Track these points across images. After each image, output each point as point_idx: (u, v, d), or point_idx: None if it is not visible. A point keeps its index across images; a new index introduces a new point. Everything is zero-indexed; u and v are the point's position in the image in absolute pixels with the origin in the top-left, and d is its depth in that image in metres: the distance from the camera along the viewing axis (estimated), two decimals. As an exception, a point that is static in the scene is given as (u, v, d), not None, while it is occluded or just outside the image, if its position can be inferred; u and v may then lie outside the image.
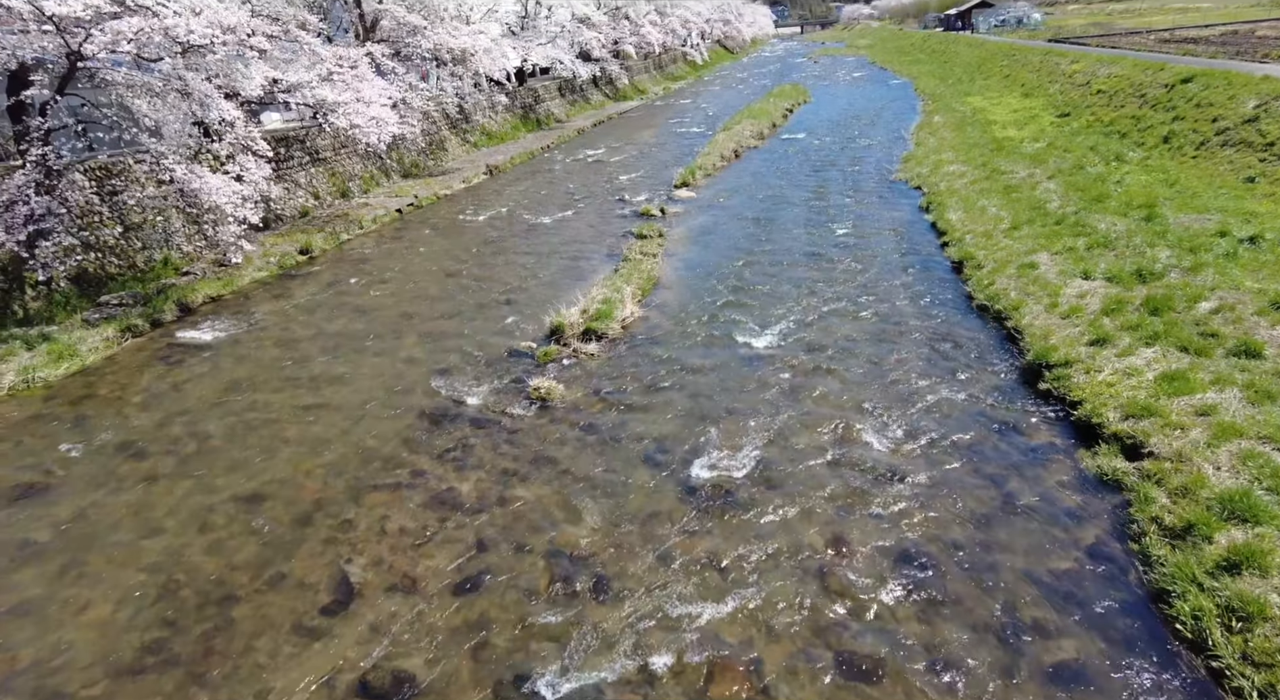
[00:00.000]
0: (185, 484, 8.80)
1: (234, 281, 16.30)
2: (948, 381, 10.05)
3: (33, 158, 13.43)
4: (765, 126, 33.82)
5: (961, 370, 10.32)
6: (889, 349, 11.17)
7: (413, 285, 15.98)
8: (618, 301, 13.08)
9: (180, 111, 15.41)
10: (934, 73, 51.22)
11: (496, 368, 11.54)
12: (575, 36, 44.94)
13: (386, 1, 28.38)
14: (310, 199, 22.41)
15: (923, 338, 11.45)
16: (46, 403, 11.15)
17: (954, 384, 9.97)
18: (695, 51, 79.05)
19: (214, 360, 12.56)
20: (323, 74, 20.23)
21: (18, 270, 13.89)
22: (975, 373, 10.24)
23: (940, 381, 10.06)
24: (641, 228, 18.72)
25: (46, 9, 12.14)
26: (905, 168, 23.23)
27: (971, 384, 9.94)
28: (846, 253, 15.84)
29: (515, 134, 37.17)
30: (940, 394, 9.72)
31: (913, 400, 9.62)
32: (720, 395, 10.15)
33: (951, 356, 10.77)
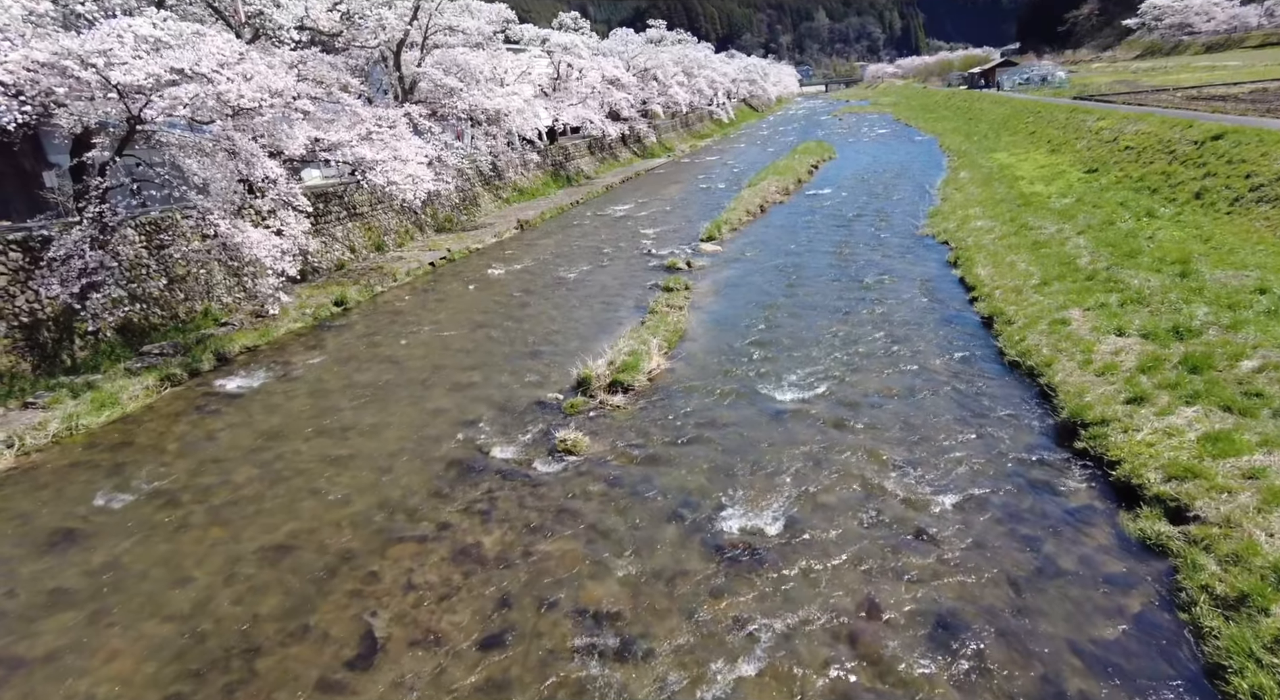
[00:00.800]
0: (215, 533, 8.88)
1: (270, 332, 16.72)
2: (980, 438, 9.86)
3: (90, 215, 14.09)
4: (790, 182, 34.30)
5: (993, 427, 10.13)
6: (919, 405, 11.03)
7: (443, 337, 16.25)
8: (644, 354, 13.15)
9: (227, 169, 16.12)
10: (959, 129, 51.82)
11: (523, 419, 11.60)
12: (605, 97, 46.47)
13: (425, 65, 29.73)
14: (347, 252, 23.09)
15: (953, 393, 11.30)
16: (87, 450, 11.42)
17: (986, 441, 9.78)
18: (721, 110, 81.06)
19: (247, 409, 12.80)
20: (362, 133, 21.10)
21: (69, 321, 14.43)
22: (1008, 430, 10.04)
23: (972, 438, 9.87)
24: (668, 281, 18.93)
25: (113, 78, 12.92)
26: (932, 223, 23.32)
27: (1004, 441, 9.74)
28: (874, 307, 15.82)
29: (546, 190, 38.16)
30: (972, 451, 9.53)
31: (944, 457, 9.43)
32: (747, 450, 10.06)
33: (983, 413, 10.59)
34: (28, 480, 10.52)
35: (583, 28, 52.20)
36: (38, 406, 12.40)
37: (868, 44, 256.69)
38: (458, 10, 31.15)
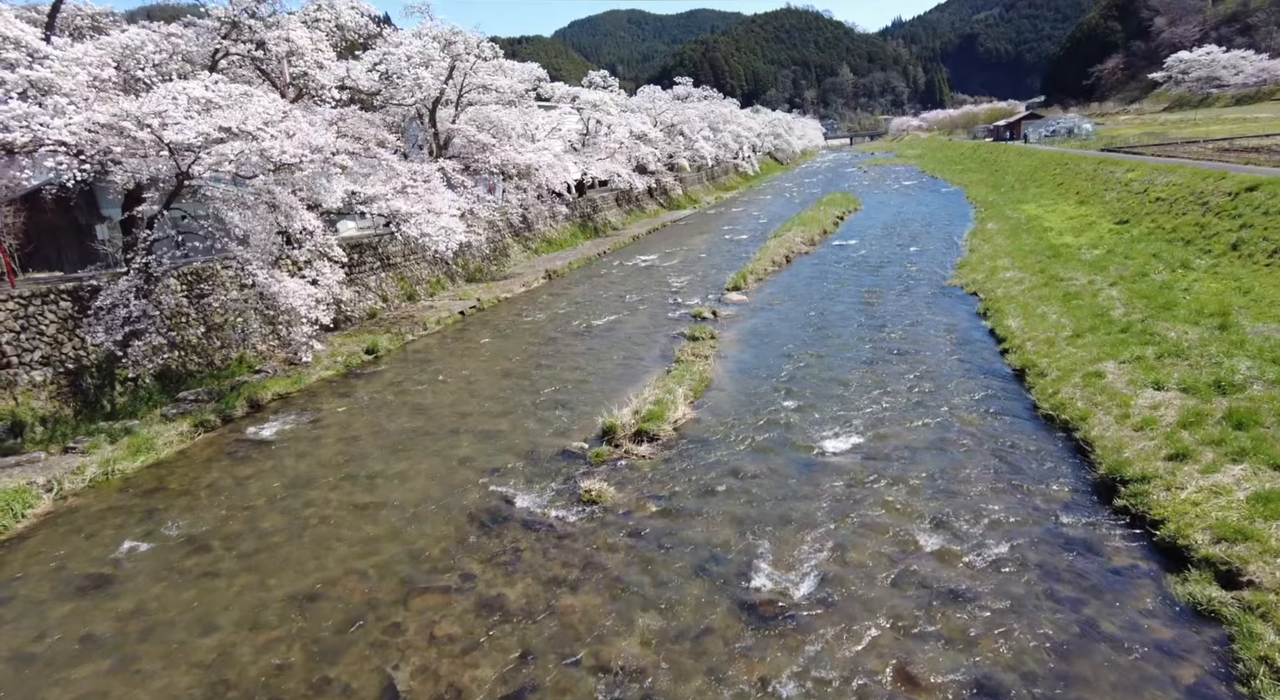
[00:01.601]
0: (242, 580, 8.90)
1: (302, 380, 17.02)
2: (1015, 493, 9.59)
3: (137, 265, 14.65)
4: (816, 233, 34.53)
5: (1029, 482, 9.86)
6: (951, 458, 10.80)
7: (471, 385, 16.40)
8: (670, 403, 13.12)
9: (267, 222, 16.72)
10: (985, 181, 52.00)
11: (549, 468, 11.57)
12: (632, 151, 47.62)
13: (459, 122, 30.84)
14: (379, 301, 23.60)
15: (986, 447, 11.06)
16: (121, 494, 11.61)
17: (1021, 496, 9.51)
18: (747, 163, 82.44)
19: (277, 456, 12.95)
20: (398, 187, 21.82)
21: (111, 368, 14.86)
22: (1044, 485, 9.76)
23: (1007, 493, 9.61)
24: (694, 329, 18.99)
25: (165, 137, 13.59)
26: (960, 274, 23.23)
27: (1040, 497, 9.46)
28: (903, 358, 15.67)
29: (574, 241, 38.85)
30: (1007, 507, 9.26)
31: (978, 513, 9.18)
32: (775, 503, 9.89)
33: (1017, 467, 10.32)
34: (64, 524, 10.70)
35: (611, 85, 53.85)
36: (77, 451, 12.70)
37: (892, 98, 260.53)
38: (491, 70, 32.42)
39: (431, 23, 28.46)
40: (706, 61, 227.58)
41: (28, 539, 10.32)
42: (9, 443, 12.99)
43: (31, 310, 14.37)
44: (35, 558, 9.77)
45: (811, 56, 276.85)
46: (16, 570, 9.49)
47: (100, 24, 21.08)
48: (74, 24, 20.29)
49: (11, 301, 14.12)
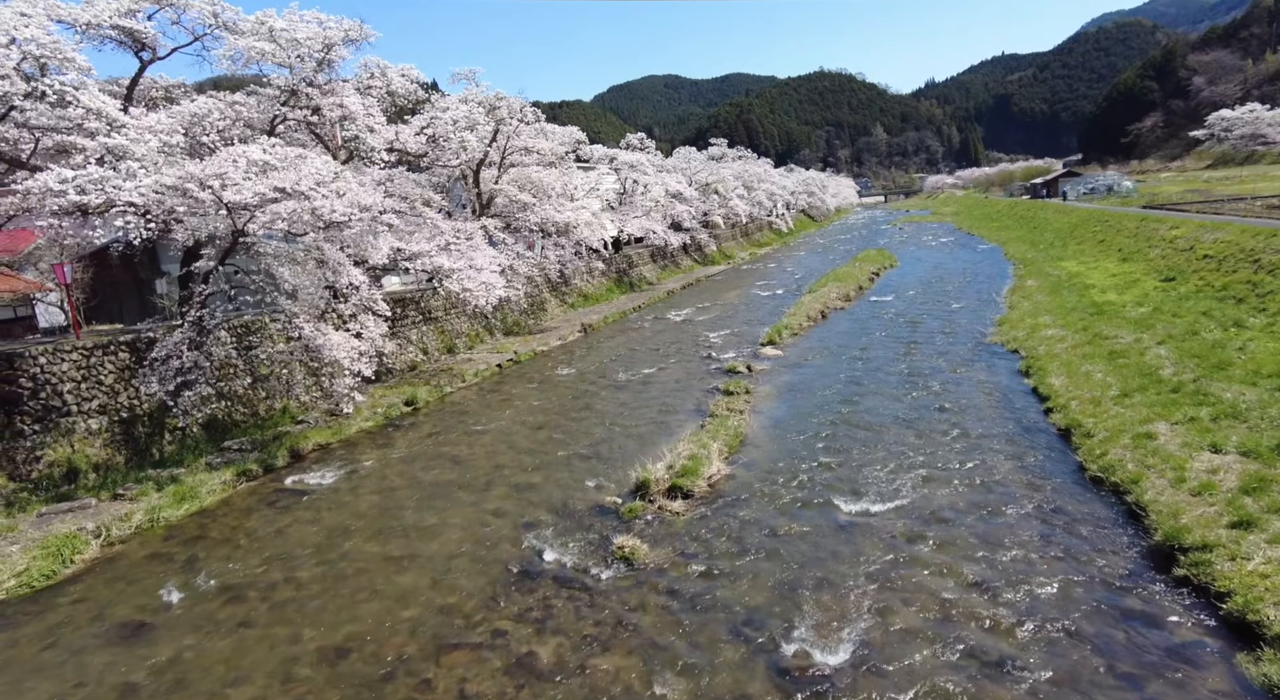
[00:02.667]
0: (277, 631, 8.92)
1: (343, 430, 17.32)
2: (1064, 559, 9.20)
3: (191, 318, 15.26)
4: (851, 289, 34.49)
5: (1079, 547, 9.46)
6: (995, 520, 10.44)
7: (506, 437, 16.49)
8: (704, 459, 13.00)
9: (316, 277, 17.36)
10: (1023, 238, 51.61)
11: (581, 523, 11.48)
12: (668, 209, 48.59)
13: (502, 182, 31.92)
14: (420, 354, 24.09)
15: (1032, 509, 10.68)
16: (165, 542, 11.83)
17: (1072, 562, 9.11)
18: (781, 220, 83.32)
19: (315, 506, 13.10)
20: (441, 244, 22.53)
21: (161, 417, 15.36)
22: (1095, 551, 9.35)
23: (1056, 558, 9.22)
24: (728, 384, 18.92)
25: (225, 197, 14.35)
26: (1000, 331, 22.88)
27: (1092, 563, 9.06)
28: (943, 416, 15.36)
29: (609, 295, 39.40)
30: (1057, 573, 8.88)
31: (1026, 579, 8.81)
32: (813, 565, 9.64)
33: (1066, 531, 9.92)
34: (109, 570, 10.91)
35: (648, 146, 55.37)
36: (126, 498, 13.04)
37: (926, 156, 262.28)
38: (533, 133, 33.67)
39: (477, 88, 29.82)
40: (741, 123, 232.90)
41: (74, 584, 10.54)
42: (64, 489, 13.41)
43: (93, 361, 15.02)
44: (80, 604, 9.95)
45: (845, 117, 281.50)
46: (62, 616, 9.66)
47: (172, 95, 22.55)
48: (149, 96, 21.74)
49: (76, 353, 14.79)
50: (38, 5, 16.03)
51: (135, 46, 18.38)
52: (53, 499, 13.00)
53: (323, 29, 20.75)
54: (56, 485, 13.50)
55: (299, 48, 20.32)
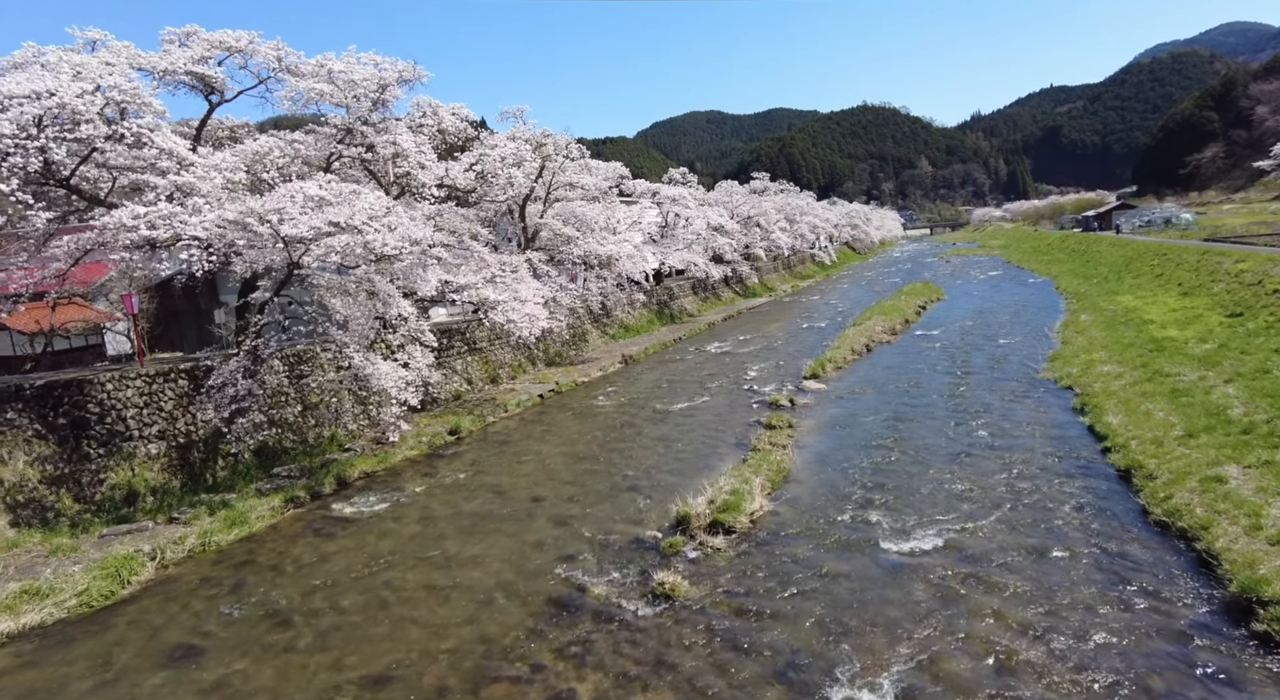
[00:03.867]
0: (319, 658, 8.99)
1: (388, 458, 17.59)
2: (1128, 607, 8.74)
3: (247, 348, 15.79)
4: (897, 322, 33.94)
5: (1143, 595, 8.98)
6: (1052, 563, 10.00)
7: (547, 467, 16.53)
8: (746, 494, 12.79)
9: (366, 308, 17.81)
10: (1075, 272, 50.28)
11: (621, 557, 11.37)
12: (709, 242, 48.79)
13: (546, 216, 32.53)
14: (464, 384, 24.44)
15: (1091, 553, 10.21)
16: (215, 566, 12.10)
17: (1136, 611, 8.65)
18: (823, 253, 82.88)
19: (360, 534, 13.27)
20: (488, 277, 22.98)
21: (216, 443, 15.83)
22: (1162, 600, 8.86)
23: (1119, 606, 8.77)
24: (770, 417, 18.69)
25: (282, 231, 14.91)
26: (1052, 367, 22.18)
27: (1159, 613, 8.58)
28: (993, 453, 14.89)
29: (650, 327, 39.53)
30: (1121, 622, 8.43)
31: (1086, 627, 8.38)
32: (859, 606, 9.35)
33: (1129, 578, 9.44)
34: (162, 592, 11.19)
35: (690, 181, 55.90)
36: (180, 522, 13.41)
37: (973, 189, 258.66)
38: (578, 169, 34.35)
39: (524, 126, 30.63)
40: (783, 156, 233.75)
41: (130, 605, 10.83)
42: (124, 511, 13.88)
43: (154, 388, 15.63)
44: (135, 625, 10.21)
45: (889, 150, 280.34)
46: (118, 636, 9.92)
47: (237, 135, 23.72)
48: (216, 135, 22.90)
49: (139, 380, 15.42)
50: (121, 55, 17.11)
51: (205, 90, 19.42)
52: (113, 520, 13.44)
53: (378, 70, 21.64)
54: (117, 507, 13.97)
55: (355, 88, 21.20)
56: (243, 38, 19.45)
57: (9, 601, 10.34)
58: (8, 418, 13.50)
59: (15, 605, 10.29)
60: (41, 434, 13.84)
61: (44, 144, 13.74)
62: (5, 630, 9.94)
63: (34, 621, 10.20)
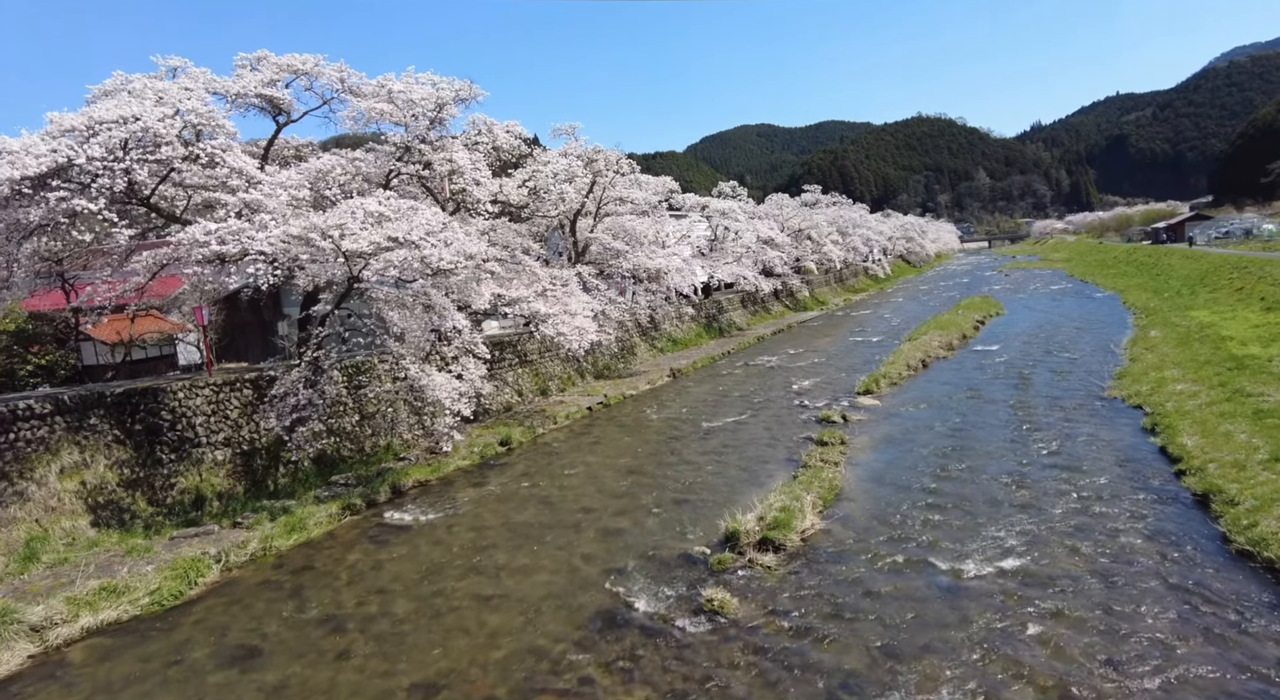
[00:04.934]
0: (373, 665, 9.17)
1: (441, 468, 17.92)
2: (1209, 642, 8.25)
3: (308, 358, 16.33)
4: (954, 337, 33.06)
5: (1227, 631, 8.47)
6: (1121, 591, 9.53)
7: (595, 480, 16.58)
8: (797, 511, 12.58)
9: (422, 321, 18.24)
10: (1145, 286, 48.21)
11: (669, 572, 11.30)
12: (759, 255, 48.48)
13: (597, 231, 32.84)
14: (515, 395, 24.77)
15: (1166, 582, 9.69)
16: (275, 570, 12.49)
17: (1219, 647, 8.16)
18: (877, 266, 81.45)
19: (413, 542, 13.52)
20: (539, 290, 23.31)
21: (277, 451, 16.39)
22: (1248, 636, 8.34)
23: (1198, 641, 8.29)
24: (822, 433, 18.37)
25: (343, 246, 15.42)
26: (1120, 385, 21.25)
27: (1245, 651, 8.07)
28: (1057, 474, 14.31)
29: (698, 340, 39.42)
30: (1201, 659, 7.96)
31: (1163, 662, 7.94)
32: (915, 629, 9.07)
33: (1208, 610, 8.92)
34: (226, 595, 11.60)
35: (740, 194, 55.78)
36: (243, 526, 13.90)
37: (1033, 201, 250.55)
38: (628, 184, 34.61)
39: (576, 142, 31.08)
40: (835, 169, 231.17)
41: (196, 605, 11.26)
42: (192, 514, 14.47)
43: (221, 396, 16.30)
44: (201, 624, 10.61)
45: (945, 161, 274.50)
46: (186, 634, 10.33)
47: (301, 153, 24.69)
48: (282, 154, 23.89)
49: (208, 388, 16.10)
50: (199, 80, 18.06)
51: (273, 111, 20.32)
52: (182, 523, 14.02)
53: (435, 90, 22.28)
54: (186, 511, 14.57)
55: (414, 107, 21.87)
56: (309, 61, 20.31)
57: (90, 597, 10.87)
58: (90, 423, 14.26)
59: (95, 601, 10.82)
60: (120, 439, 14.57)
61: (129, 165, 14.54)
62: (86, 625, 10.46)
63: (111, 617, 10.71)
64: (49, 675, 9.45)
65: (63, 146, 13.77)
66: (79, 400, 14.25)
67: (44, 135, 14.13)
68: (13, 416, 13.28)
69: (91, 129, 14.24)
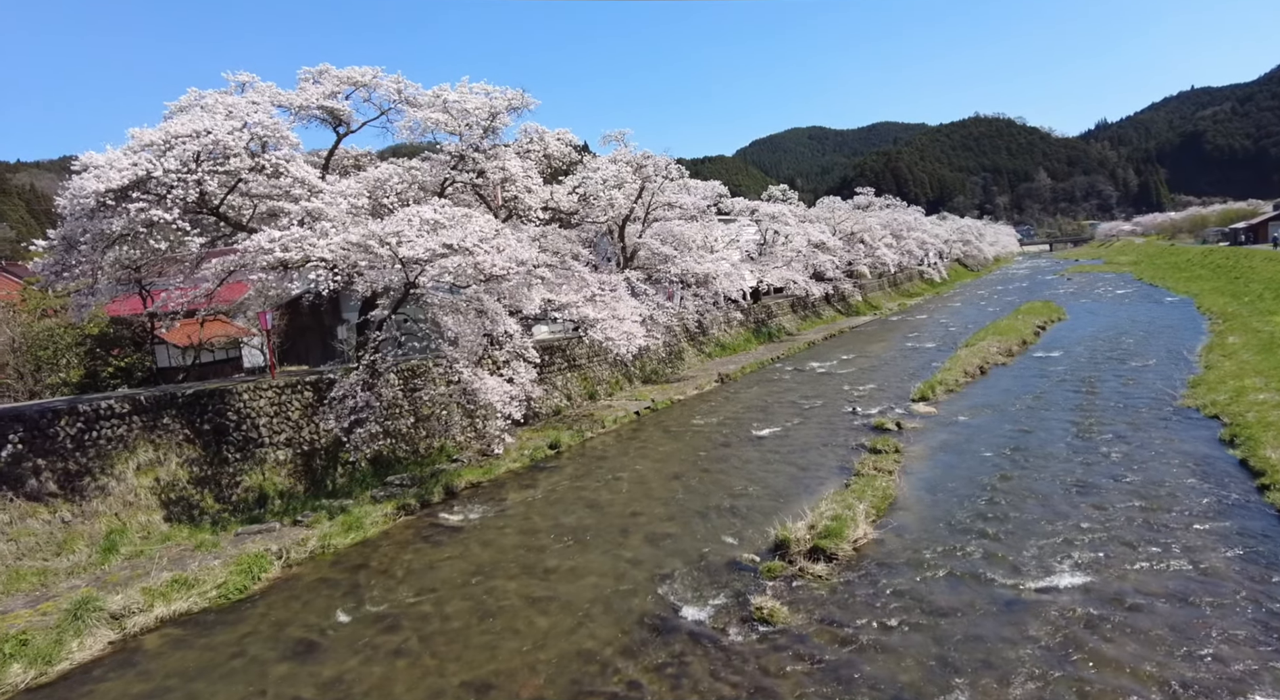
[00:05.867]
0: (425, 662, 9.36)
1: (492, 470, 18.20)
2: (1294, 668, 7.77)
3: (366, 362, 16.81)
4: (1014, 343, 32.01)
5: (1313, 655, 7.97)
6: (1198, 612, 9.06)
7: (642, 484, 16.59)
8: (849, 520, 12.34)
9: (475, 325, 18.58)
10: (1221, 289, 45.84)
11: (717, 579, 11.22)
12: (810, 259, 47.85)
13: (645, 236, 32.96)
14: (564, 399, 25.00)
15: (1248, 604, 9.17)
16: (333, 568, 12.87)
17: (1304, 672, 7.67)
18: (933, 270, 79.52)
19: (465, 543, 13.76)
20: (588, 295, 23.51)
21: (335, 451, 16.90)
22: (1336, 661, 7.83)
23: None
24: (875, 441, 18.01)
25: (400, 253, 15.85)
26: (1195, 393, 20.23)
27: (1332, 676, 7.58)
28: (1125, 487, 13.70)
29: (747, 345, 39.11)
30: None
31: (1247, 689, 7.51)
32: (971, 643, 8.79)
33: (1294, 633, 8.41)
34: (287, 590, 12.01)
35: (790, 198, 55.19)
36: (303, 524, 14.37)
37: (1098, 202, 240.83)
38: (676, 189, 34.64)
39: (625, 149, 31.28)
40: (889, 171, 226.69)
41: (259, 600, 11.69)
42: (255, 512, 15.03)
43: (283, 398, 16.89)
44: (264, 618, 11.00)
45: (1003, 162, 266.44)
46: (250, 627, 10.73)
47: (360, 163, 25.49)
48: (342, 164, 24.71)
49: (270, 390, 16.72)
50: (264, 94, 18.83)
51: (334, 122, 21.04)
52: (246, 520, 14.58)
53: (489, 99, 22.73)
54: (250, 508, 15.15)
55: (468, 117, 22.36)
56: (367, 73, 20.97)
57: (163, 589, 11.41)
58: (164, 422, 14.96)
59: (168, 593, 11.35)
60: (190, 438, 15.24)
61: (200, 177, 15.24)
62: (160, 614, 10.98)
63: (182, 608, 11.21)
64: (127, 661, 9.94)
65: (142, 160, 14.53)
66: (154, 400, 14.98)
67: (126, 150, 14.93)
68: (96, 415, 14.04)
69: (168, 143, 14.98)
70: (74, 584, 11.85)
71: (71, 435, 13.65)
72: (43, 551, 12.41)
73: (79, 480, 13.47)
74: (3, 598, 11.41)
